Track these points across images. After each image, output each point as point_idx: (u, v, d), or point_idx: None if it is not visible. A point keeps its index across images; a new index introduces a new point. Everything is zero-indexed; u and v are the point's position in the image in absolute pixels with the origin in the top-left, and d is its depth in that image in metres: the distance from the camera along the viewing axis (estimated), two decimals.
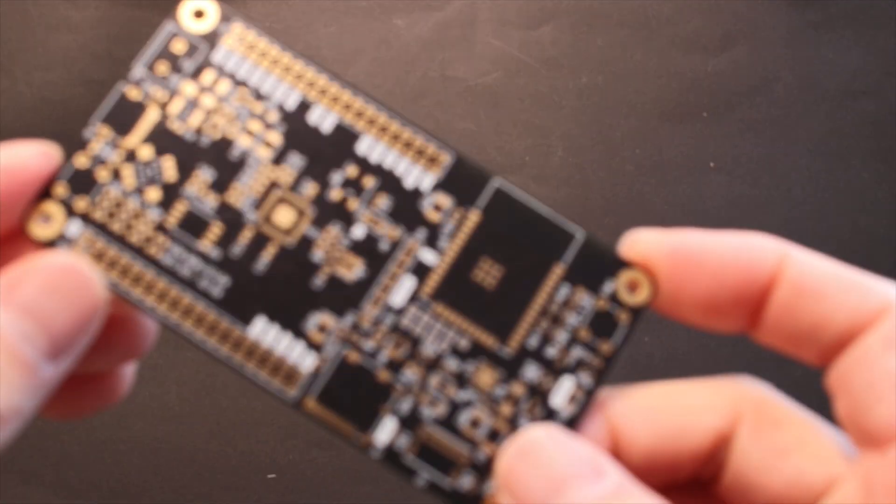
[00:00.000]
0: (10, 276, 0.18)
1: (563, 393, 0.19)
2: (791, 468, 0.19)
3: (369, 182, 0.20)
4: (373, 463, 0.52)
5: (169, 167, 0.20)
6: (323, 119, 0.20)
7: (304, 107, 0.20)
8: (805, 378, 0.23)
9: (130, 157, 0.19)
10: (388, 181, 0.20)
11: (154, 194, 0.19)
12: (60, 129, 0.56)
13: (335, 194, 0.20)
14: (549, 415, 0.19)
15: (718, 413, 0.19)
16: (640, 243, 0.20)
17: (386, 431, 0.19)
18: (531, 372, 0.19)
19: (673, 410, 0.19)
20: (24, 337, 0.17)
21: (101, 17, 0.59)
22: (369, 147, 0.20)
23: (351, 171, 0.20)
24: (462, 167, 0.20)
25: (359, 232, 0.20)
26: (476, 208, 0.20)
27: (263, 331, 0.19)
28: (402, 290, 0.19)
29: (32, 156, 0.19)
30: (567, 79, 0.59)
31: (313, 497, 0.49)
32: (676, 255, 0.19)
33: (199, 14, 0.20)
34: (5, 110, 0.56)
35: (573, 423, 0.19)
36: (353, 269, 0.19)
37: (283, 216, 0.19)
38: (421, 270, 0.19)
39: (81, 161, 0.19)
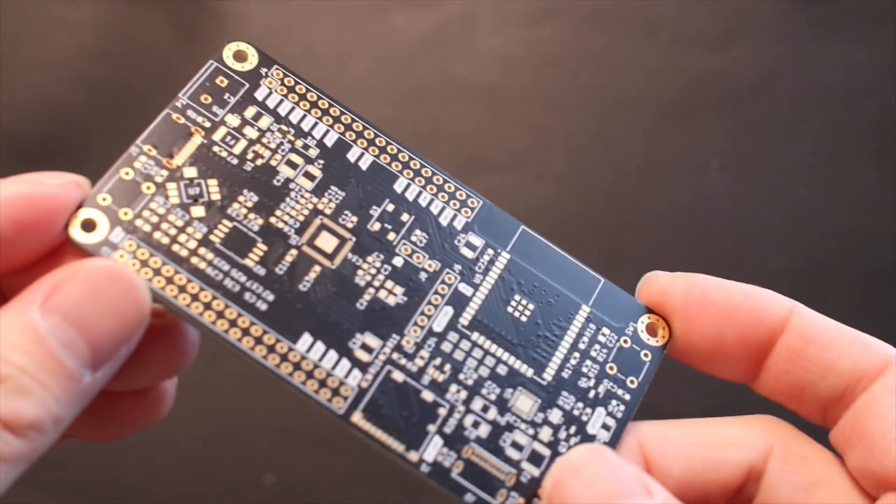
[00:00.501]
0: (52, 280, 0.17)
1: (597, 421, 0.20)
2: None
3: (406, 217, 0.21)
4: (371, 465, 0.51)
5: (213, 188, 0.20)
6: (360, 157, 0.21)
7: (342, 144, 0.22)
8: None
9: (175, 175, 0.20)
10: (424, 218, 0.21)
11: (198, 211, 0.20)
12: (58, 127, 0.56)
13: (375, 226, 0.21)
14: (588, 440, 0.20)
15: (750, 448, 0.20)
16: (655, 282, 0.21)
17: (432, 449, 0.19)
18: (566, 401, 0.20)
19: (706, 444, 0.20)
20: (65, 344, 0.17)
21: (97, 14, 0.58)
22: (405, 186, 0.21)
23: (389, 206, 0.21)
24: (492, 212, 0.22)
25: (398, 261, 0.21)
26: (506, 250, 0.21)
27: (310, 347, 0.20)
28: (441, 317, 0.21)
29: (62, 185, 0.19)
30: (567, 77, 0.58)
31: (312, 499, 0.48)
32: (690, 292, 0.20)
33: (240, 56, 0.22)
34: (3, 109, 0.55)
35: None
36: (394, 296, 0.21)
37: (326, 241, 0.21)
38: (458, 301, 0.21)
39: (126, 174, 0.20)
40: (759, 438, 0.20)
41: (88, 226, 0.19)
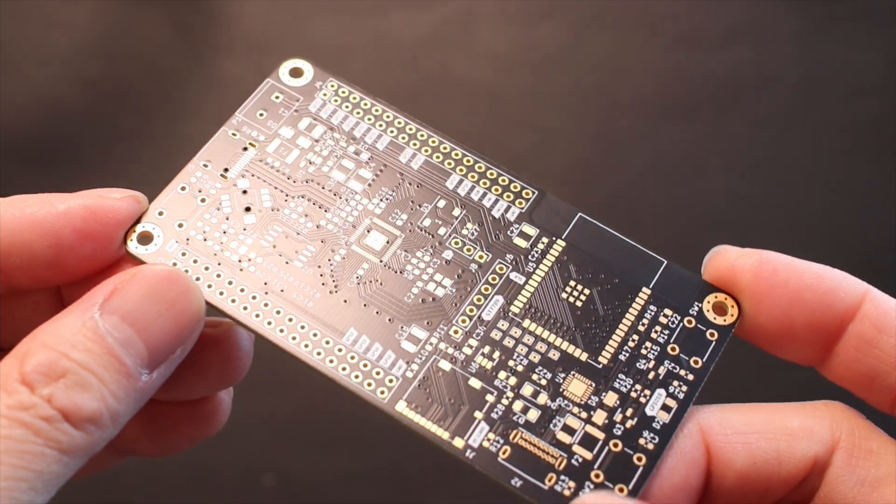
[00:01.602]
0: (111, 284, 0.18)
1: (657, 403, 0.20)
2: (882, 501, 0.19)
3: (458, 212, 0.22)
4: (371, 465, 0.51)
5: (265, 196, 0.21)
6: (413, 157, 0.22)
7: (395, 146, 0.22)
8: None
9: (228, 187, 0.21)
10: (477, 212, 0.22)
11: (250, 219, 0.21)
12: (56, 127, 0.55)
13: (425, 222, 0.22)
14: (646, 422, 0.20)
15: (817, 440, 0.19)
16: (724, 256, 0.20)
17: (478, 435, 0.19)
18: (623, 383, 0.20)
19: (771, 434, 0.19)
20: (123, 343, 0.17)
21: (97, 14, 0.58)
22: (458, 182, 0.22)
23: (440, 202, 0.22)
24: (548, 201, 0.22)
25: (448, 255, 0.21)
26: (561, 237, 0.21)
27: (355, 340, 0.20)
28: (491, 306, 0.21)
29: (122, 199, 0.20)
30: (568, 76, 0.58)
31: (312, 499, 0.48)
32: (761, 269, 0.20)
33: (296, 72, 0.23)
34: (2, 108, 0.55)
35: (669, 434, 0.19)
36: (443, 287, 0.21)
37: (375, 240, 0.21)
38: (509, 290, 0.21)
39: (182, 189, 0.21)
40: (825, 429, 0.19)
41: (145, 239, 0.20)
